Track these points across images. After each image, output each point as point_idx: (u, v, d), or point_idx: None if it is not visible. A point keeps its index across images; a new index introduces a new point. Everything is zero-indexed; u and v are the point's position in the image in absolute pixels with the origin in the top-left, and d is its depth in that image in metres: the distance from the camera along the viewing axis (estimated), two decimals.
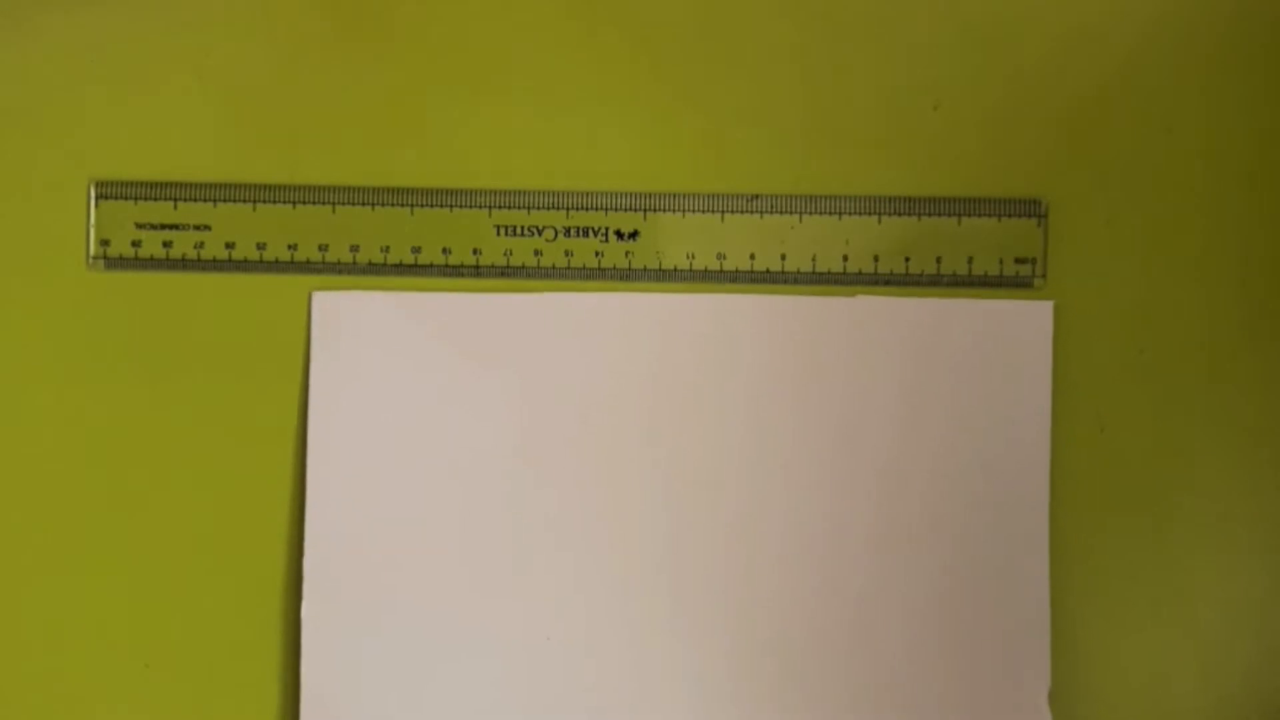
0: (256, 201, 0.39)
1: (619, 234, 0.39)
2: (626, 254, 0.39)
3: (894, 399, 0.39)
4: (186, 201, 0.39)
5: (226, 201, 0.39)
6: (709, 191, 0.39)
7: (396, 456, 0.39)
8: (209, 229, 0.39)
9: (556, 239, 0.39)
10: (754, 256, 0.39)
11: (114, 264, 0.39)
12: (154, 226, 0.39)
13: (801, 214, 0.39)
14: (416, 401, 0.39)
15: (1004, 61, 0.39)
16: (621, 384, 0.39)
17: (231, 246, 0.39)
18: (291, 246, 0.39)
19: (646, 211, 0.39)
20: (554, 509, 0.39)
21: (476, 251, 0.39)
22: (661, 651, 0.38)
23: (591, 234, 0.39)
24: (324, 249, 0.39)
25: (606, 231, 0.39)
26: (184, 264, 0.39)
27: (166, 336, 0.39)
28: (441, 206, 0.39)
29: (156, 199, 0.39)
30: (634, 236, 0.39)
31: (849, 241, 0.39)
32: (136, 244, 0.39)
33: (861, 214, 0.39)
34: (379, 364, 0.39)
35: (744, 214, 0.39)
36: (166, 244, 0.39)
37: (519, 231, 0.39)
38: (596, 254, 0.39)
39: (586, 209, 0.39)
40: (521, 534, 0.39)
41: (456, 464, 0.39)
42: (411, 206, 0.39)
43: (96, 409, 0.39)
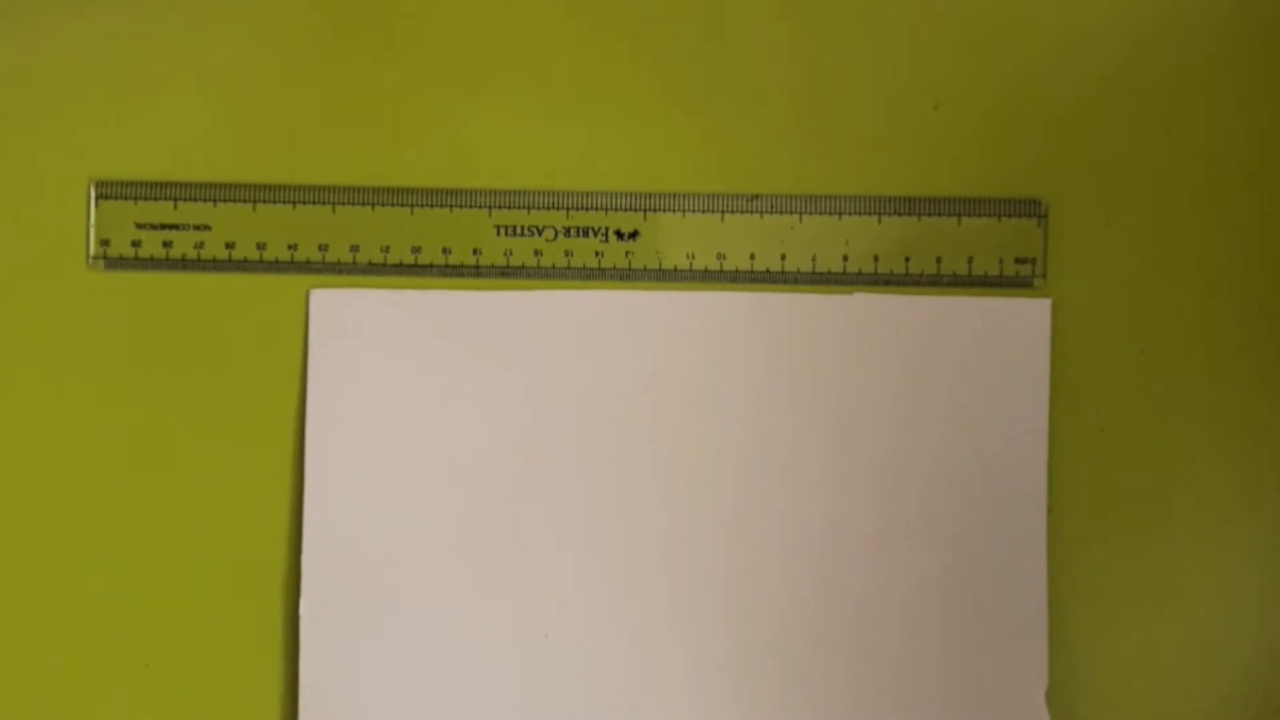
0: (256, 201, 0.39)
1: (619, 234, 0.39)
2: (626, 254, 0.39)
3: (892, 397, 0.39)
4: (186, 201, 0.39)
5: (226, 201, 0.39)
6: (709, 191, 0.39)
7: (395, 453, 0.39)
8: (209, 229, 0.39)
9: (556, 239, 0.39)
10: (754, 256, 0.39)
11: (114, 264, 0.39)
12: (154, 226, 0.39)
13: (801, 214, 0.39)
14: (415, 398, 0.39)
15: (1004, 61, 0.39)
16: (620, 382, 0.39)
17: (231, 246, 0.39)
18: (291, 246, 0.39)
19: (646, 211, 0.39)
20: (553, 507, 0.39)
21: (476, 251, 0.39)
22: (661, 650, 0.39)
23: (591, 234, 0.39)
24: (324, 249, 0.39)
25: (606, 231, 0.39)
26: (184, 264, 0.39)
27: (166, 336, 0.39)
28: (441, 206, 0.39)
29: (156, 199, 0.39)
30: (634, 236, 0.39)
31: (849, 241, 0.39)
32: (136, 244, 0.39)
33: (861, 214, 0.39)
34: (377, 361, 0.39)
35: (744, 214, 0.39)
36: (166, 244, 0.39)
37: (519, 231, 0.39)
38: (596, 254, 0.39)
39: (586, 209, 0.39)
40: (520, 532, 0.39)
41: (455, 461, 0.39)
42: (411, 206, 0.39)
43: (96, 409, 0.39)
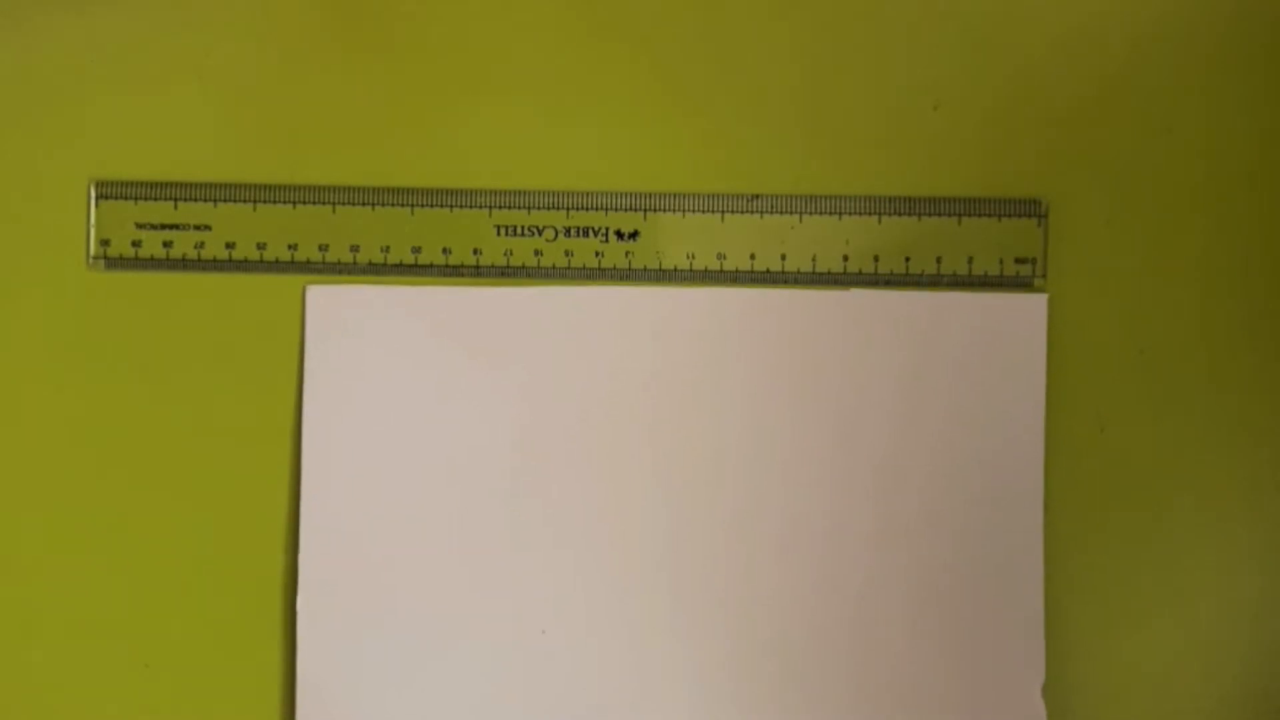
0: (257, 201, 0.39)
1: (619, 234, 0.39)
2: (626, 254, 0.39)
3: (890, 393, 0.39)
4: (187, 201, 0.39)
5: (227, 201, 0.39)
6: (709, 191, 0.39)
7: (392, 450, 0.39)
8: (209, 229, 0.39)
9: (557, 239, 0.39)
10: (754, 256, 0.39)
11: (114, 264, 0.39)
12: (154, 226, 0.39)
13: (801, 214, 0.39)
14: (412, 394, 0.39)
15: (1004, 61, 0.39)
16: (619, 379, 0.39)
17: (232, 246, 0.39)
18: (292, 246, 0.39)
19: (646, 211, 0.39)
20: (551, 504, 0.39)
21: (477, 251, 0.39)
22: (660, 647, 0.39)
23: (592, 234, 0.39)
24: (324, 249, 0.39)
25: (607, 231, 0.39)
26: (184, 264, 0.39)
27: (167, 336, 0.39)
28: (441, 206, 0.39)
29: (157, 199, 0.39)
30: (634, 236, 0.39)
31: (849, 241, 0.39)
32: (137, 244, 0.39)
33: (861, 214, 0.39)
34: (374, 357, 0.39)
35: (744, 214, 0.39)
36: (167, 244, 0.39)
37: (519, 231, 0.39)
38: (597, 254, 0.39)
39: (586, 209, 0.39)
40: (519, 530, 0.39)
41: (453, 458, 0.39)
42: (411, 206, 0.39)
43: (96, 409, 0.39)
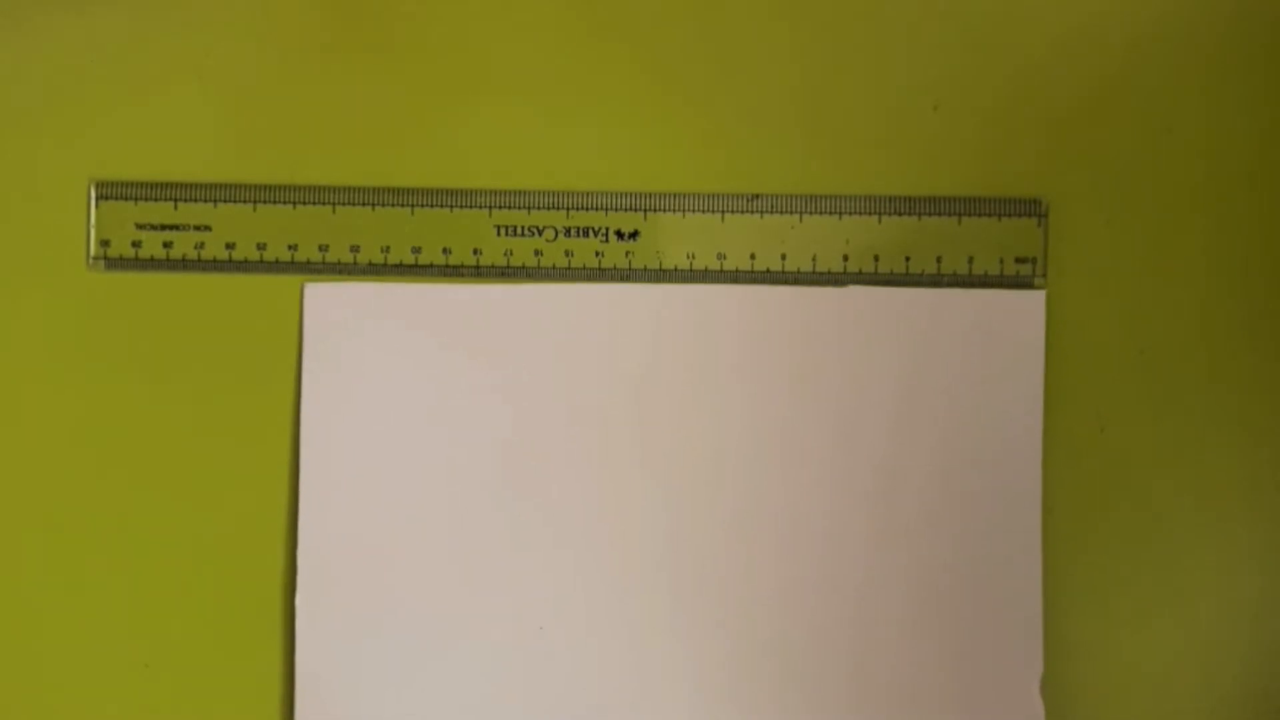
0: (257, 202, 0.39)
1: (619, 234, 0.39)
2: (627, 254, 0.39)
3: (888, 391, 0.39)
4: (187, 202, 0.39)
5: (227, 202, 0.39)
6: (709, 191, 0.39)
7: (392, 449, 0.39)
8: (209, 229, 0.39)
9: (557, 239, 0.39)
10: (754, 256, 0.39)
11: (114, 264, 0.39)
12: (154, 227, 0.39)
13: (802, 214, 0.39)
14: (412, 394, 0.39)
15: (1004, 61, 0.39)
16: (617, 378, 0.39)
17: (232, 247, 0.39)
18: (292, 247, 0.39)
19: (646, 211, 0.39)
20: (550, 503, 0.39)
21: (477, 252, 0.39)
22: (659, 646, 0.39)
23: (592, 234, 0.39)
24: (324, 249, 0.39)
25: (607, 231, 0.39)
26: (184, 264, 0.39)
27: (167, 337, 0.39)
28: (441, 206, 0.39)
29: (157, 199, 0.39)
30: (634, 236, 0.39)
31: (849, 241, 0.39)
32: (137, 244, 0.39)
33: (862, 214, 0.39)
34: (373, 357, 0.39)
35: (744, 214, 0.39)
36: (167, 244, 0.39)
37: (519, 231, 0.39)
38: (597, 254, 0.39)
39: (587, 209, 0.39)
40: (517, 528, 0.39)
41: (452, 458, 0.39)
42: (411, 206, 0.39)
43: (96, 409, 0.39)
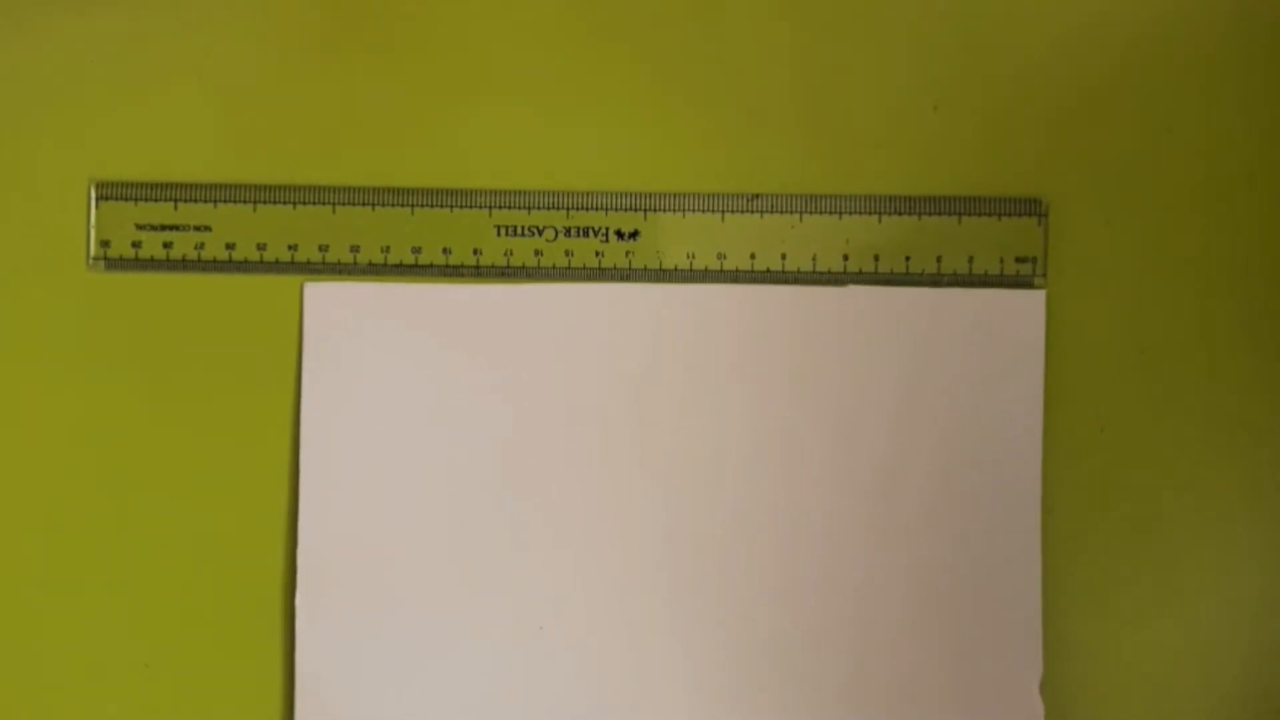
0: (257, 202, 0.39)
1: (619, 234, 0.39)
2: (627, 254, 0.39)
3: (888, 391, 0.39)
4: (187, 202, 0.39)
5: (227, 202, 0.39)
6: (709, 191, 0.39)
7: (392, 449, 0.39)
8: (209, 230, 0.39)
9: (557, 239, 0.39)
10: (754, 256, 0.39)
11: (114, 265, 0.39)
12: (154, 227, 0.39)
13: (802, 213, 0.39)
14: (412, 393, 0.39)
15: (1004, 61, 0.39)
16: (617, 377, 0.39)
17: (232, 247, 0.39)
18: (292, 247, 0.39)
19: (646, 211, 0.39)
20: (550, 503, 0.39)
21: (477, 252, 0.39)
22: (659, 646, 0.39)
23: (592, 234, 0.39)
24: (324, 249, 0.39)
25: (607, 231, 0.39)
26: (184, 265, 0.39)
27: (167, 337, 0.39)
28: (441, 206, 0.39)
29: (157, 200, 0.39)
30: (634, 236, 0.39)
31: (849, 241, 0.39)
32: (137, 245, 0.39)
33: (862, 213, 0.39)
34: (373, 357, 0.39)
35: (744, 214, 0.39)
36: (167, 245, 0.39)
37: (519, 231, 0.39)
38: (597, 254, 0.39)
39: (587, 209, 0.39)
40: (518, 529, 0.39)
41: (452, 457, 0.39)
42: (411, 206, 0.39)
43: (97, 410, 0.39)
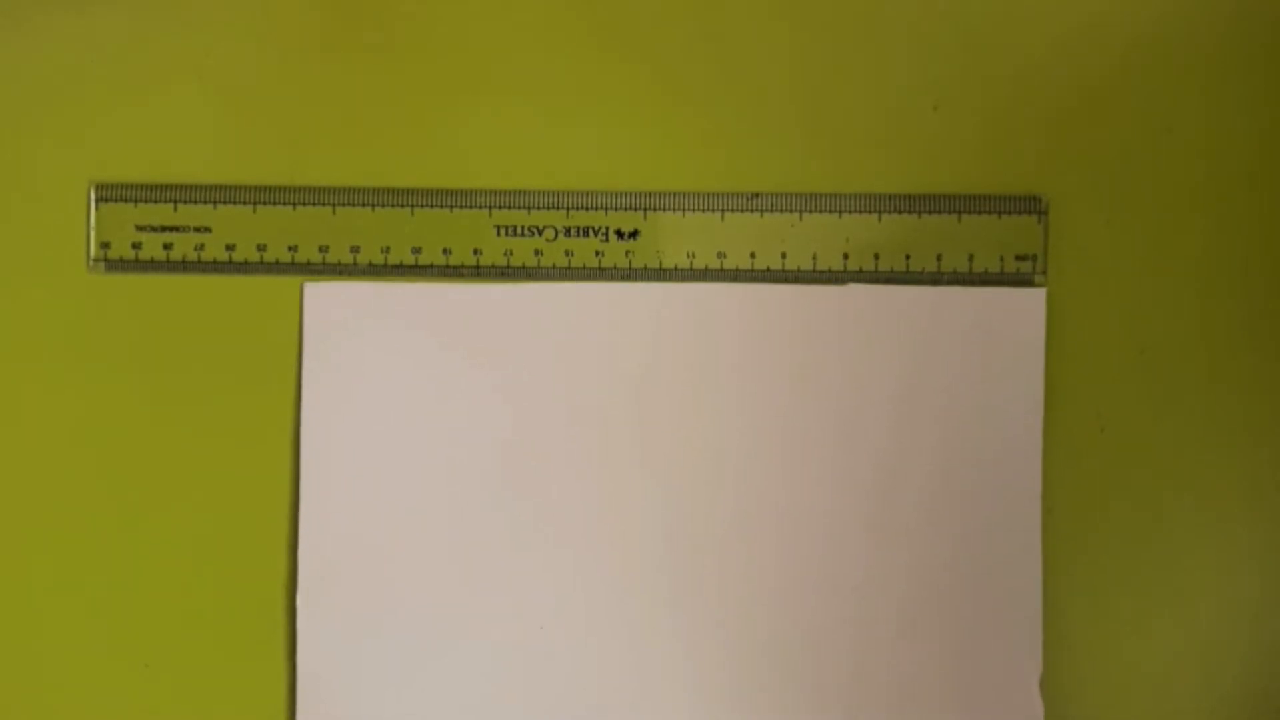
0: (257, 203, 0.39)
1: (619, 233, 0.39)
2: (627, 253, 0.39)
3: (888, 389, 0.39)
4: (187, 203, 0.39)
5: (227, 203, 0.39)
6: (709, 191, 0.39)
7: (392, 449, 0.39)
8: (209, 231, 0.39)
9: (557, 239, 0.39)
10: (754, 255, 0.39)
11: (114, 266, 0.39)
12: (154, 229, 0.39)
13: (802, 212, 0.39)
14: (412, 394, 0.39)
15: (1004, 61, 0.39)
16: (617, 376, 0.39)
17: (232, 248, 0.39)
18: (292, 248, 0.39)
19: (646, 211, 0.39)
20: (550, 503, 0.39)
21: (477, 252, 0.39)
22: (659, 645, 0.39)
23: (592, 234, 0.39)
24: (324, 250, 0.39)
25: (607, 231, 0.39)
26: (184, 266, 0.39)
27: (167, 339, 0.39)
28: (441, 207, 0.39)
29: (157, 201, 0.39)
30: (634, 236, 0.39)
31: (849, 239, 0.39)
32: (137, 246, 0.39)
33: (862, 212, 0.39)
34: (373, 357, 0.39)
35: (744, 213, 0.39)
36: (167, 246, 0.39)
37: (519, 231, 0.39)
38: (597, 254, 0.39)
39: (587, 209, 0.39)
40: (519, 528, 0.39)
41: (452, 457, 0.39)
42: (411, 207, 0.39)
43: (97, 411, 0.39)
